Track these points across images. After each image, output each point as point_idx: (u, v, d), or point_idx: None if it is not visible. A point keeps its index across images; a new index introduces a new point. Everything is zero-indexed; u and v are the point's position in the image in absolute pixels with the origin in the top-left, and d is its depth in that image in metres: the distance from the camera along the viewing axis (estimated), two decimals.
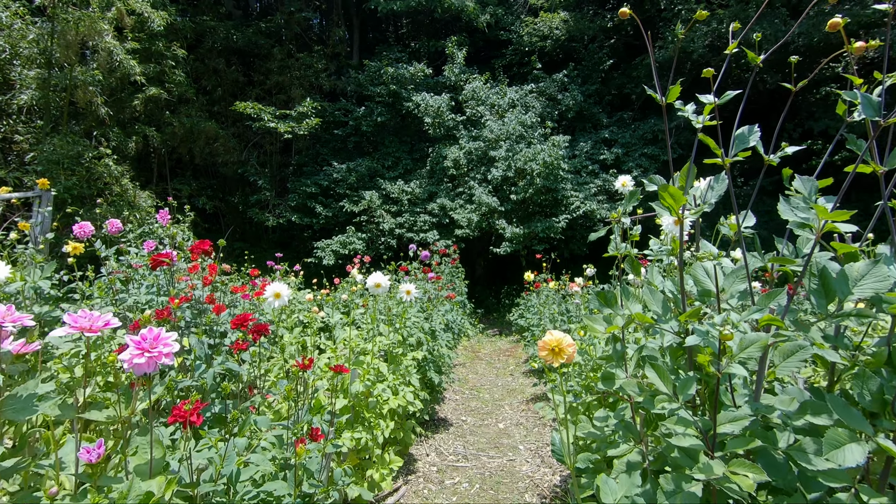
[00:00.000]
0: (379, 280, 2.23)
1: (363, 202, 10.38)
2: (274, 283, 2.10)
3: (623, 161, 10.58)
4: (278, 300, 2.09)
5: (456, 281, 8.02)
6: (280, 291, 2.09)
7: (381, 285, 2.23)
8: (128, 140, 9.17)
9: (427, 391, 3.76)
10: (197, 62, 11.82)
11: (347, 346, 2.42)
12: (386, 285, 2.24)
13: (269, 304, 2.07)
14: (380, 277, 2.24)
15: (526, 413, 4.53)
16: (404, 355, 3.22)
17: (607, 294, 1.45)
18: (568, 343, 1.23)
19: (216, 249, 7.58)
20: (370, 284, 2.25)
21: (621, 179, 2.47)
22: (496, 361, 7.01)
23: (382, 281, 2.23)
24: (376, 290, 2.24)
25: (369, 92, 11.97)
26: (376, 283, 2.23)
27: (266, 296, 2.09)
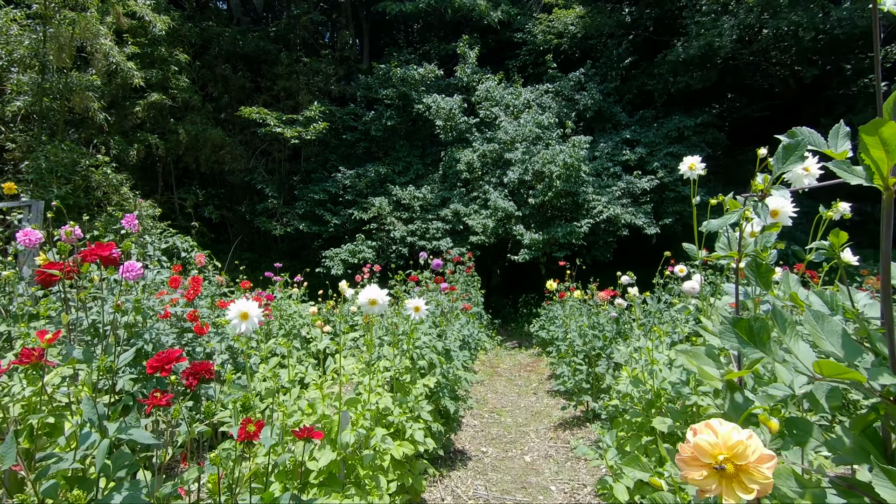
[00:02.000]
0: (374, 296, 1.72)
1: (373, 209, 9.92)
2: (240, 300, 1.60)
3: (647, 161, 9.98)
4: (246, 323, 1.58)
5: (471, 290, 7.48)
6: (249, 311, 1.58)
7: (376, 302, 1.72)
8: (129, 148, 8.86)
9: (441, 421, 3.22)
10: (203, 69, 11.56)
11: (337, 381, 1.92)
12: (383, 302, 1.73)
13: (233, 327, 1.57)
14: (375, 292, 1.73)
15: (555, 443, 3.96)
16: (413, 382, 2.70)
17: (754, 324, 0.90)
18: (760, 455, 0.64)
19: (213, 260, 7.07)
20: (363, 302, 1.74)
21: (687, 161, 1.93)
22: (517, 378, 6.44)
23: (378, 297, 1.72)
24: (371, 308, 1.73)
25: (378, 95, 11.58)
26: (370, 300, 1.72)
27: (230, 317, 1.59)
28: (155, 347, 2.64)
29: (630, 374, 2.26)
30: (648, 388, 2.13)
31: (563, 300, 5.50)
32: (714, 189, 11.09)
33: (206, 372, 1.27)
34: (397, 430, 2.49)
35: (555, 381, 6.05)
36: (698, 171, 1.91)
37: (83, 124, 8.41)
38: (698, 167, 1.90)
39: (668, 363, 2.29)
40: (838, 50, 10.24)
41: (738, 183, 11.83)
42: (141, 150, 9.28)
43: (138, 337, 2.60)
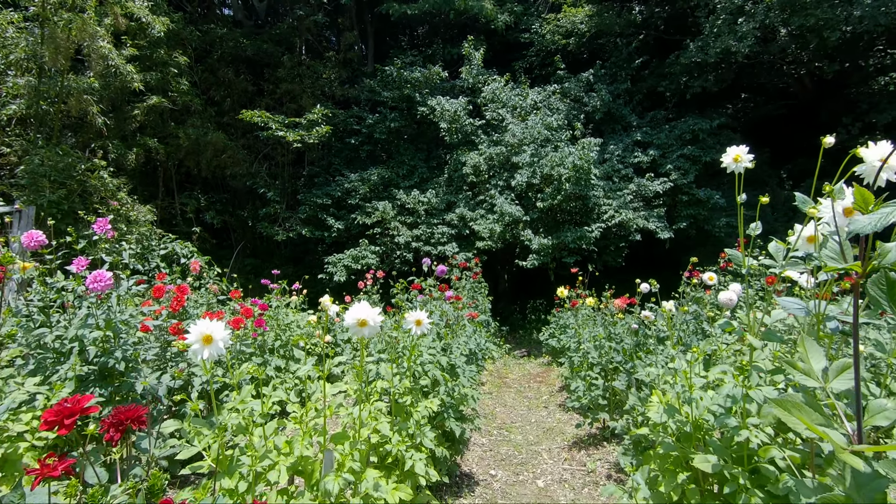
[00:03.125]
0: (363, 315, 1.45)
1: (376, 214, 9.67)
2: (203, 321, 1.33)
3: (660, 164, 9.65)
4: (209, 348, 1.31)
5: (478, 297, 7.21)
6: (212, 334, 1.32)
7: (366, 323, 1.44)
8: (128, 152, 8.67)
9: (446, 445, 2.93)
10: (205, 72, 11.40)
11: (322, 414, 1.63)
12: (375, 323, 1.46)
13: (194, 353, 1.31)
14: (364, 311, 1.45)
15: (570, 464, 3.65)
16: (414, 405, 2.41)
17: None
18: None
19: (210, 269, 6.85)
20: (350, 322, 1.46)
21: (732, 153, 1.65)
22: (527, 389, 6.14)
23: (369, 316, 1.45)
24: (360, 330, 1.46)
25: (382, 98, 11.36)
26: (360, 321, 1.44)
27: (189, 341, 1.32)
28: (128, 366, 2.38)
29: (662, 400, 1.96)
30: (685, 417, 1.83)
31: (575, 308, 5.19)
32: (728, 191, 10.74)
33: (134, 420, 0.99)
34: (396, 460, 2.21)
35: (567, 394, 5.74)
36: (745, 164, 1.62)
37: (81, 128, 8.24)
38: (745, 159, 1.61)
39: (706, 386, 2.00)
40: (858, 48, 9.90)
41: (754, 184, 11.47)
42: (140, 155, 9.09)
43: (109, 354, 2.34)
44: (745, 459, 1.64)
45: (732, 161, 1.62)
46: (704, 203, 9.26)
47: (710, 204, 9.21)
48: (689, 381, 1.78)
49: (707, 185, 9.94)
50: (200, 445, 1.47)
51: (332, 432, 1.63)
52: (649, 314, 2.65)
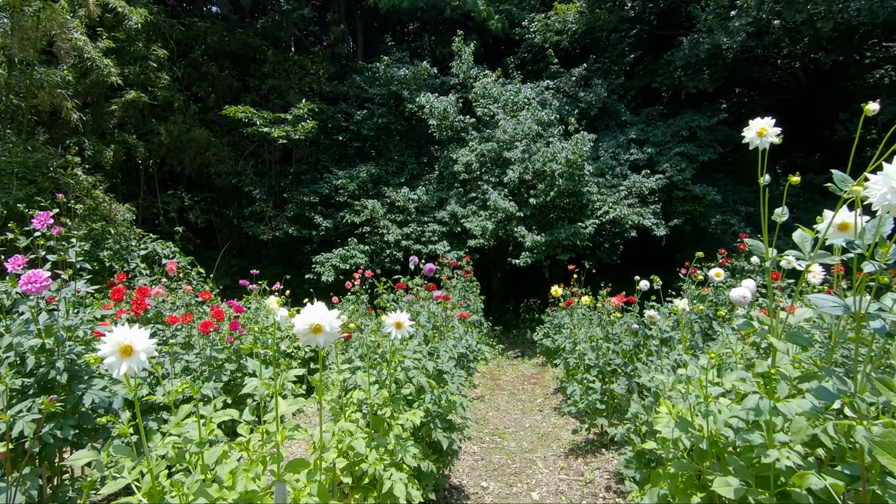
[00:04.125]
0: (316, 319, 1.19)
1: (365, 212, 9.40)
2: (121, 328, 1.09)
3: (656, 161, 9.46)
4: (128, 360, 1.07)
5: (470, 297, 6.97)
6: (133, 343, 1.07)
7: (321, 329, 1.19)
8: (105, 149, 8.35)
9: (433, 458, 2.69)
10: (188, 68, 11.08)
11: (275, 436, 1.38)
12: (332, 329, 1.21)
13: (109, 366, 1.06)
14: (318, 314, 1.20)
15: (567, 474, 3.42)
16: (395, 417, 2.17)
17: None
18: None
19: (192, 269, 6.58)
20: (301, 329, 1.21)
21: (756, 126, 1.42)
22: (520, 392, 5.92)
23: (325, 321, 1.20)
24: (314, 338, 1.21)
25: (369, 95, 11.09)
26: (312, 327, 1.19)
27: (103, 353, 1.08)
28: (72, 377, 2.11)
29: (672, 411, 1.74)
30: (699, 431, 1.60)
31: (570, 307, 4.97)
32: (724, 187, 10.58)
33: None
34: (373, 480, 1.96)
35: (562, 396, 5.53)
36: (771, 139, 1.40)
37: (55, 124, 7.91)
38: (771, 132, 1.39)
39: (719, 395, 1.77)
40: (854, 41, 9.77)
41: (748, 180, 11.32)
42: (119, 152, 8.77)
43: (50, 365, 2.08)
44: (772, 481, 1.41)
45: (756, 136, 1.40)
46: (701, 199, 9.09)
47: (707, 200, 9.04)
48: (704, 391, 1.55)
49: (702, 182, 9.77)
50: (130, 477, 1.22)
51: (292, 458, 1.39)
52: (654, 314, 2.43)
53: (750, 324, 1.60)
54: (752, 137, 1.40)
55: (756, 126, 1.39)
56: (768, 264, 1.47)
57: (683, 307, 1.78)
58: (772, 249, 1.50)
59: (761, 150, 1.44)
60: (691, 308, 1.71)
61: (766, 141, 1.39)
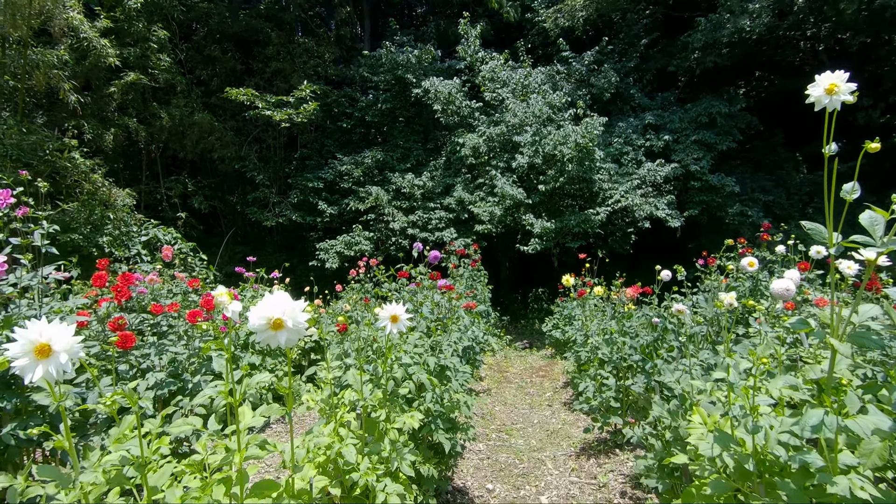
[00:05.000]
0: (277, 312, 0.96)
1: (370, 198, 9.17)
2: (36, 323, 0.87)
3: (673, 149, 9.09)
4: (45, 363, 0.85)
5: (477, 286, 6.75)
6: (52, 342, 0.86)
7: (282, 325, 0.97)
8: (105, 133, 8.17)
9: (434, 461, 2.49)
10: (191, 50, 10.84)
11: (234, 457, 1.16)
12: (297, 324, 0.98)
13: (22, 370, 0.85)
14: (279, 306, 0.97)
15: (578, 476, 3.21)
16: (391, 419, 1.96)
17: None
18: None
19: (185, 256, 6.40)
20: (257, 324, 0.98)
21: (825, 81, 1.17)
22: (528, 385, 5.71)
23: (287, 314, 0.96)
24: (274, 336, 0.98)
25: (372, 81, 10.78)
26: (272, 322, 0.97)
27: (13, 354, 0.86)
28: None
29: (707, 421, 1.50)
30: (740, 447, 1.37)
31: (582, 298, 4.73)
32: (742, 174, 10.21)
33: None
34: (365, 491, 1.75)
35: (571, 391, 5.31)
36: (844, 97, 1.14)
37: (53, 107, 7.74)
38: (843, 89, 1.13)
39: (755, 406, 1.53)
40: (882, 23, 9.27)
41: (767, 167, 10.92)
42: (119, 136, 8.59)
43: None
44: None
45: (825, 93, 1.14)
46: (718, 190, 8.74)
47: (725, 191, 8.69)
48: (751, 401, 1.31)
49: (719, 170, 9.42)
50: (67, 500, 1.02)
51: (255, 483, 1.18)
52: (683, 307, 2.18)
53: (806, 322, 1.35)
54: (818, 96, 1.15)
55: (824, 81, 1.13)
56: (833, 251, 1.23)
57: (730, 302, 1.54)
58: (836, 234, 1.25)
59: (828, 113, 1.18)
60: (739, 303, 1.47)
61: (837, 100, 1.13)
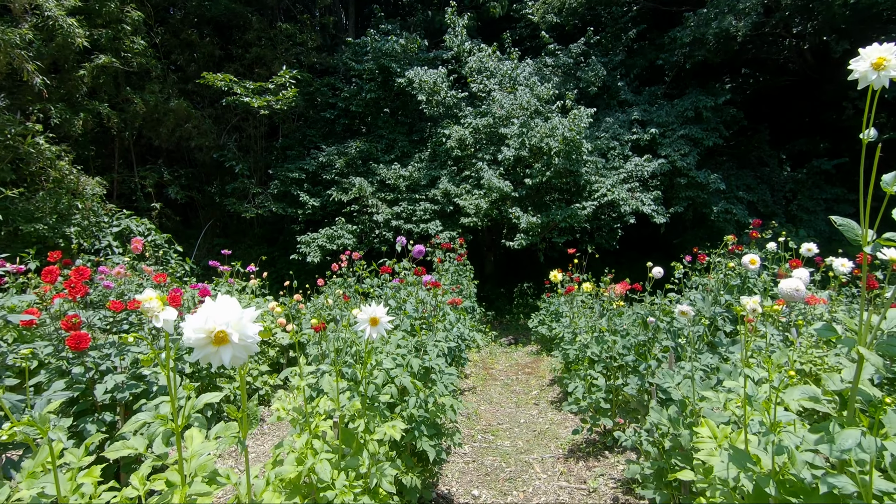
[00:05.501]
0: (219, 323, 0.76)
1: (353, 190, 8.93)
2: None
3: (659, 143, 9.02)
4: None
5: (463, 281, 6.60)
6: None
7: (226, 339, 0.78)
8: (75, 118, 7.78)
9: (418, 468, 2.33)
10: (167, 34, 10.42)
11: (172, 496, 0.97)
12: (247, 336, 0.79)
13: None
14: (223, 316, 0.77)
15: (567, 480, 3.09)
16: (370, 430, 1.79)
17: None
18: None
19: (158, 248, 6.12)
20: (193, 337, 0.76)
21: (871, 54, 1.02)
22: (514, 382, 5.59)
23: (232, 326, 0.78)
24: (216, 353, 0.80)
25: (356, 70, 10.48)
26: (212, 335, 0.77)
27: None
28: None
29: (717, 434, 1.37)
30: (758, 466, 1.24)
31: (570, 295, 4.61)
32: (728, 170, 10.21)
33: None
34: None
35: (558, 388, 5.20)
36: (894, 72, 0.99)
37: (18, 90, 7.32)
38: (893, 64, 0.99)
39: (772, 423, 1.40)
40: (868, 21, 9.30)
41: (752, 165, 10.95)
42: (89, 121, 8.19)
43: None
44: None
45: (871, 68, 1.00)
46: (704, 187, 8.70)
47: (710, 188, 8.66)
48: (771, 418, 1.18)
49: (705, 166, 9.40)
50: None
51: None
52: (688, 309, 2.05)
53: (832, 328, 1.22)
54: (864, 71, 1.00)
55: (871, 55, 0.99)
56: (868, 250, 1.09)
57: (753, 307, 1.39)
58: (870, 232, 1.12)
59: (871, 93, 1.04)
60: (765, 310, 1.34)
61: (886, 76, 0.99)
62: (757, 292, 4.03)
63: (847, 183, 10.32)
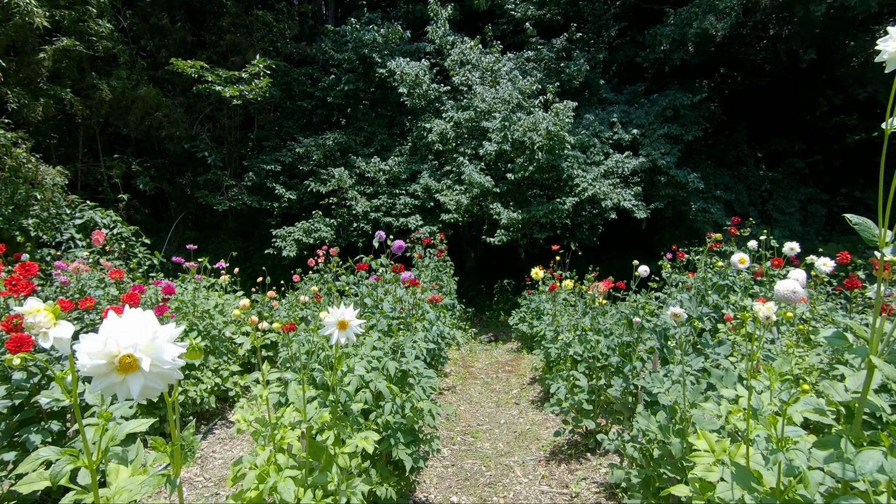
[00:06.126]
0: (121, 344, 0.60)
1: (332, 181, 8.70)
2: None
3: (640, 143, 9.00)
4: None
5: (443, 277, 6.48)
6: None
7: (135, 365, 0.59)
8: (34, 104, 7.36)
9: (394, 478, 2.20)
10: (135, 18, 9.96)
11: None
12: (161, 365, 0.64)
13: None
14: (128, 334, 0.61)
15: (549, 484, 3.00)
16: (341, 442, 1.65)
17: None
18: None
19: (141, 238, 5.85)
20: (90, 364, 0.60)
21: None
22: (495, 381, 5.49)
23: (142, 348, 0.62)
24: (120, 383, 0.65)
25: (336, 60, 10.21)
26: (118, 361, 0.61)
27: None
28: None
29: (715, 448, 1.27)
30: (761, 485, 1.14)
31: (553, 293, 4.52)
32: (706, 169, 10.30)
33: None
34: None
35: (539, 387, 5.12)
36: None
37: None
38: None
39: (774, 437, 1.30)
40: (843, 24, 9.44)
41: (729, 164, 11.08)
42: (50, 107, 7.77)
43: None
44: None
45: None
46: (684, 185, 8.73)
47: (690, 187, 8.69)
48: (779, 433, 1.08)
49: (685, 164, 9.45)
50: None
51: None
52: (679, 310, 1.96)
53: (843, 336, 1.12)
54: (893, 52, 0.90)
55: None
56: (888, 252, 0.99)
57: (767, 315, 1.27)
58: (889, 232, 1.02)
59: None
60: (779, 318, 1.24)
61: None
62: (738, 290, 4.01)
63: (819, 183, 10.53)
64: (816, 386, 2.40)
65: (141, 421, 0.91)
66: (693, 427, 1.74)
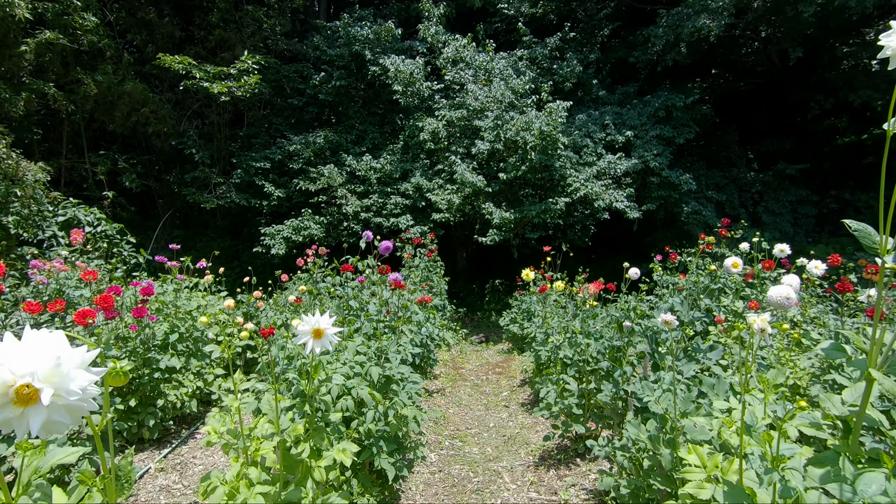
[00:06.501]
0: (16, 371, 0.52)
1: (322, 180, 8.59)
2: None
3: (633, 144, 8.97)
4: None
5: (434, 278, 6.42)
6: None
7: (35, 397, 0.48)
8: (16, 98, 7.20)
9: (377, 488, 2.13)
10: (122, 11, 9.80)
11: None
12: (68, 396, 0.55)
13: None
14: (26, 360, 0.53)
15: (537, 491, 2.94)
16: (317, 454, 1.58)
17: None
18: None
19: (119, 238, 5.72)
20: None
21: None
22: (485, 383, 5.43)
23: (42, 376, 0.51)
24: (18, 417, 0.56)
25: (328, 56, 10.10)
26: (13, 392, 0.53)
27: None
28: None
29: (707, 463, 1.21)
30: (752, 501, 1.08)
31: (543, 294, 4.47)
32: (698, 170, 10.30)
33: None
34: None
35: (529, 390, 5.07)
36: None
37: None
38: None
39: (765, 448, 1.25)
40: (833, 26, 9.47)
41: (720, 165, 11.09)
42: (32, 102, 7.60)
43: None
44: None
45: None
46: (676, 186, 8.71)
47: (682, 188, 8.67)
48: (774, 454, 1.02)
49: (677, 165, 9.44)
50: None
51: None
52: (670, 318, 1.90)
53: (841, 349, 1.07)
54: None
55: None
56: (890, 259, 0.94)
57: (762, 327, 1.21)
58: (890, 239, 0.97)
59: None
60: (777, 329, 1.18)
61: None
62: (729, 292, 3.97)
63: (809, 185, 10.57)
64: (808, 390, 2.36)
65: (70, 450, 0.82)
66: (684, 436, 1.68)
